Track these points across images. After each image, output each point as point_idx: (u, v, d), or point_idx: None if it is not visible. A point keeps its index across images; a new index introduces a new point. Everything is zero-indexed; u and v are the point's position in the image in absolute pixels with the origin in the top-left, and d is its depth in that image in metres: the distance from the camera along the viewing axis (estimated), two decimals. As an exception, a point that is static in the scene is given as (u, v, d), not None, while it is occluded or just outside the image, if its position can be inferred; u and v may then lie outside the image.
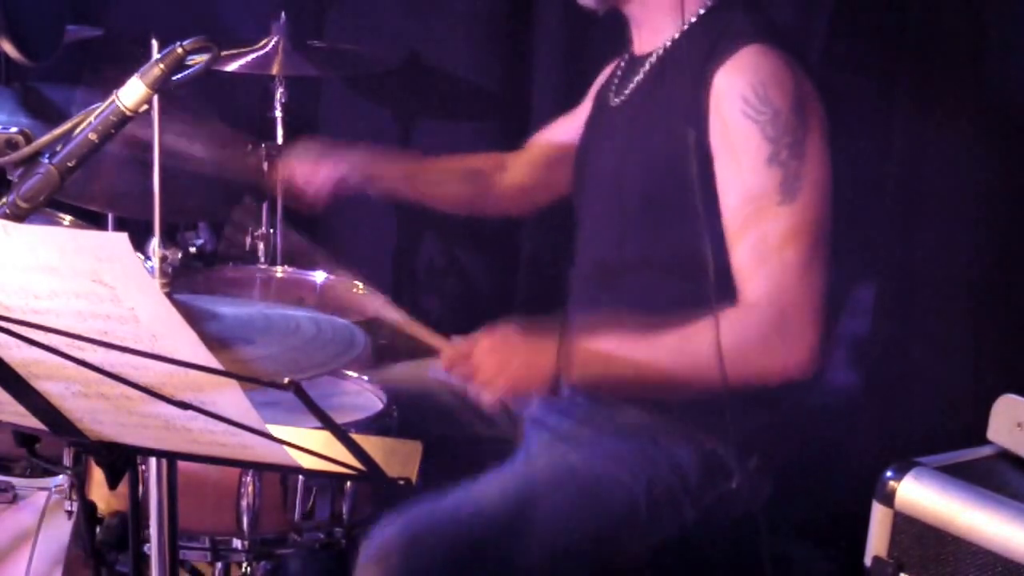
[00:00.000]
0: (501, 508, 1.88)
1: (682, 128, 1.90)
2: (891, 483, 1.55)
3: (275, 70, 2.84)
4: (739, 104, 1.86)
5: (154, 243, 1.47)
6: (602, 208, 2.11)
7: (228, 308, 1.56)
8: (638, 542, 1.95)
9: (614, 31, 2.15)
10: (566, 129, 2.36)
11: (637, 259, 2.02)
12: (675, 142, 1.91)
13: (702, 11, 1.99)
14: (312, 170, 2.43)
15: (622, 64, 2.15)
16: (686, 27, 1.99)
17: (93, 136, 1.38)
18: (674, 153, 1.91)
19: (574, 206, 2.24)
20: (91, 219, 2.66)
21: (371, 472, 1.24)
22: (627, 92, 2.08)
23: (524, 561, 1.88)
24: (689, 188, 1.89)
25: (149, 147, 1.44)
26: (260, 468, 1.74)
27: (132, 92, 1.37)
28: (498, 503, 1.88)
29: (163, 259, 1.47)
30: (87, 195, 2.34)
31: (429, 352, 2.04)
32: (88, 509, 1.66)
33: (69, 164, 1.38)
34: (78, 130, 1.38)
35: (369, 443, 1.25)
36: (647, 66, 2.05)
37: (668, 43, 2.01)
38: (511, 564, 1.87)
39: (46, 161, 1.38)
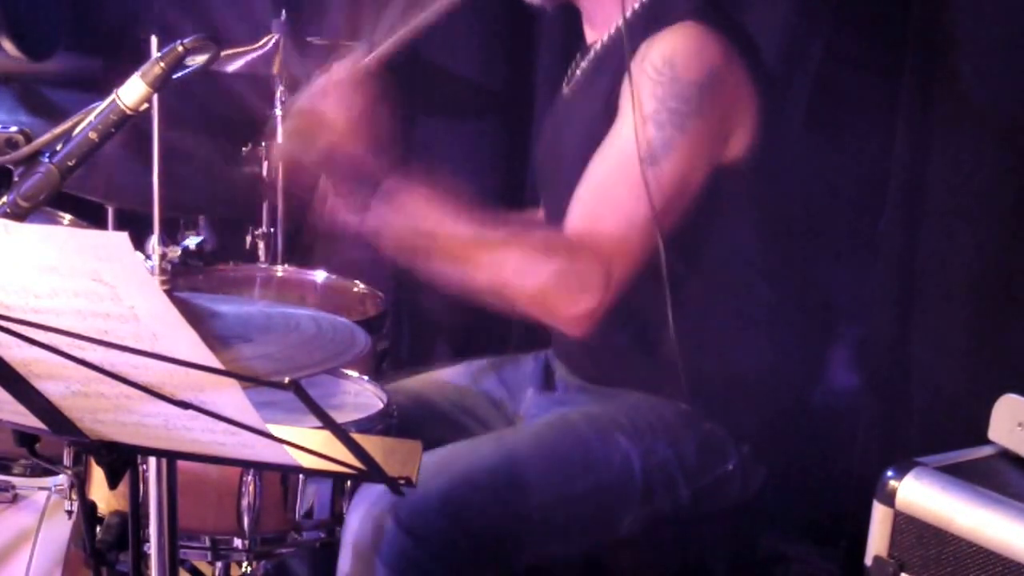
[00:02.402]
0: (493, 473, 1.88)
1: (612, 111, 1.90)
2: (892, 483, 1.55)
3: (275, 69, 2.85)
4: (647, 67, 1.85)
5: (153, 240, 1.47)
6: (552, 195, 2.12)
7: (228, 306, 1.55)
8: (633, 512, 1.94)
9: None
10: None
11: None
12: (606, 126, 1.91)
13: None
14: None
15: (577, 56, 2.15)
16: (629, 14, 1.98)
17: (93, 135, 1.38)
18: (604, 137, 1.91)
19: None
20: (91, 213, 2.66)
21: (371, 472, 1.24)
22: (573, 81, 2.10)
23: (519, 526, 1.88)
24: None
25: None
26: (260, 467, 1.74)
27: (132, 91, 1.37)
28: (490, 468, 1.88)
29: (163, 256, 1.47)
30: (86, 187, 2.34)
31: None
32: (88, 509, 1.65)
33: (69, 163, 1.38)
34: (78, 129, 1.38)
35: (369, 443, 1.25)
36: (591, 54, 2.06)
37: (612, 30, 2.01)
38: (505, 532, 1.87)
39: (46, 160, 1.38)
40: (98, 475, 1.83)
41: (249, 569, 1.94)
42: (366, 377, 2.08)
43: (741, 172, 1.92)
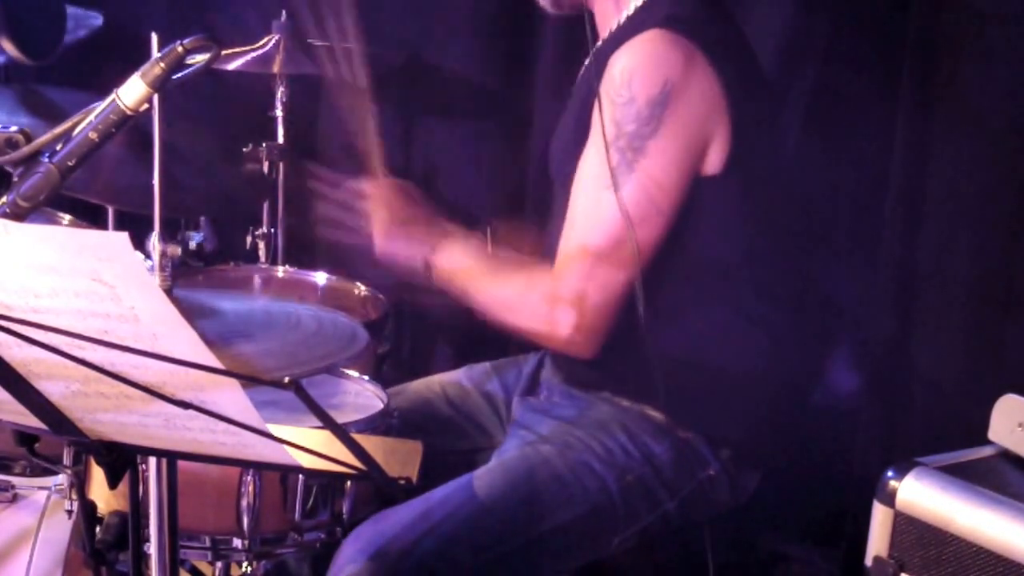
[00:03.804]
0: (471, 506, 1.88)
1: (585, 122, 1.92)
2: (892, 483, 1.55)
3: (276, 69, 2.84)
4: (609, 84, 1.86)
5: (154, 238, 1.47)
6: (555, 199, 2.12)
7: (229, 304, 1.56)
8: (619, 533, 1.95)
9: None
10: None
11: None
12: (581, 132, 1.92)
13: (640, 1, 1.98)
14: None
15: (590, 56, 2.16)
16: (623, 19, 1.98)
17: (93, 135, 1.38)
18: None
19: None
20: (91, 216, 2.66)
21: (371, 472, 1.24)
22: (576, 82, 2.10)
23: (499, 557, 1.88)
24: None
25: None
26: (260, 467, 1.74)
27: (132, 91, 1.37)
28: (466, 501, 1.88)
29: (163, 254, 1.47)
30: (89, 189, 2.34)
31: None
32: (88, 508, 1.65)
33: (69, 163, 1.38)
34: (78, 129, 1.38)
35: (369, 443, 1.25)
36: (591, 57, 2.06)
37: (607, 33, 2.01)
38: (484, 562, 1.87)
39: (46, 160, 1.38)
40: (98, 475, 1.83)
41: (249, 569, 1.94)
42: (367, 377, 2.08)
43: (720, 181, 1.90)
